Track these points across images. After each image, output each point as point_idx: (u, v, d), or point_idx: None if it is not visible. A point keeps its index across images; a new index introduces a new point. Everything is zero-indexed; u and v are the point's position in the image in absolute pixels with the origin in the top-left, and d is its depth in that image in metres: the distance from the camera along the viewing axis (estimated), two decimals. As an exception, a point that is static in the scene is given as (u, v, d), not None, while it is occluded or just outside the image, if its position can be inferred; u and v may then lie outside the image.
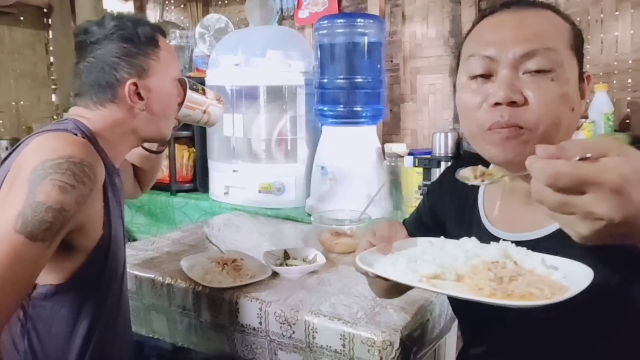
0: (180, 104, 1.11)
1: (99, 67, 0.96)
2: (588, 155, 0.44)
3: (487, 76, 0.71)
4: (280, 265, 1.30)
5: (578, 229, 0.45)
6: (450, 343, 1.51)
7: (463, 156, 1.67)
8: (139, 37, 0.97)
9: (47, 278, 0.89)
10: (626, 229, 0.44)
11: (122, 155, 1.05)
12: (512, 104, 0.68)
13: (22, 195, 0.78)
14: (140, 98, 0.98)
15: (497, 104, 0.69)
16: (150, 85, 0.99)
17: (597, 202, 0.43)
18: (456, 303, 0.89)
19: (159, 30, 1.04)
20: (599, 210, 0.43)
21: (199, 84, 1.22)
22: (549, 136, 0.67)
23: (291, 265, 1.30)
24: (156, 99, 1.01)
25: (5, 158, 0.92)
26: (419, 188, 1.54)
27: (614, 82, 1.87)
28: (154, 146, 1.24)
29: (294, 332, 1.08)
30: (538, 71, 0.68)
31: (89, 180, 0.85)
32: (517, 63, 0.68)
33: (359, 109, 1.88)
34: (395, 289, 0.94)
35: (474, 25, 0.77)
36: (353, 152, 1.88)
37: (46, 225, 0.78)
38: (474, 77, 0.72)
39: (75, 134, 0.90)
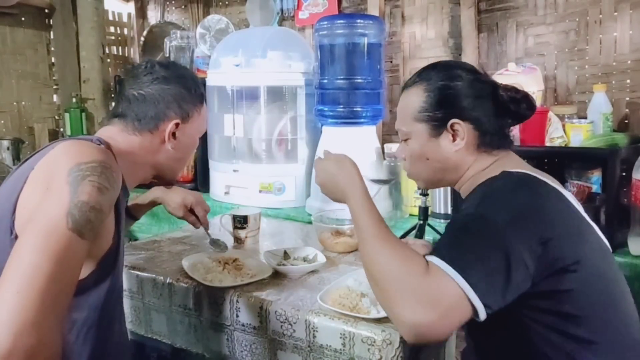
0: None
1: (154, 100, 1.05)
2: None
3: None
4: (281, 264, 1.30)
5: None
6: (450, 342, 1.52)
7: None
8: (194, 90, 1.12)
9: None
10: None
11: (133, 183, 1.09)
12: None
13: (65, 196, 0.81)
14: (174, 138, 1.08)
15: None
16: (186, 131, 1.11)
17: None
18: None
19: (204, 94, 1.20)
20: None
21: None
22: (420, 180, 1.10)
23: (291, 264, 1.31)
24: (185, 142, 1.12)
25: (25, 160, 0.94)
26: (418, 188, 1.55)
27: (613, 82, 1.87)
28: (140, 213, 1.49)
29: (294, 331, 1.08)
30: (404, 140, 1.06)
31: (116, 186, 0.90)
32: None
33: (358, 109, 1.89)
34: None
35: None
36: (353, 152, 1.85)
37: (90, 224, 0.82)
38: None
39: (99, 144, 0.96)
